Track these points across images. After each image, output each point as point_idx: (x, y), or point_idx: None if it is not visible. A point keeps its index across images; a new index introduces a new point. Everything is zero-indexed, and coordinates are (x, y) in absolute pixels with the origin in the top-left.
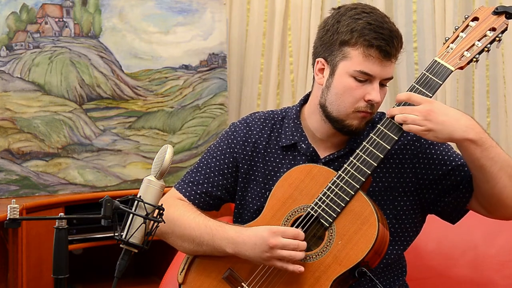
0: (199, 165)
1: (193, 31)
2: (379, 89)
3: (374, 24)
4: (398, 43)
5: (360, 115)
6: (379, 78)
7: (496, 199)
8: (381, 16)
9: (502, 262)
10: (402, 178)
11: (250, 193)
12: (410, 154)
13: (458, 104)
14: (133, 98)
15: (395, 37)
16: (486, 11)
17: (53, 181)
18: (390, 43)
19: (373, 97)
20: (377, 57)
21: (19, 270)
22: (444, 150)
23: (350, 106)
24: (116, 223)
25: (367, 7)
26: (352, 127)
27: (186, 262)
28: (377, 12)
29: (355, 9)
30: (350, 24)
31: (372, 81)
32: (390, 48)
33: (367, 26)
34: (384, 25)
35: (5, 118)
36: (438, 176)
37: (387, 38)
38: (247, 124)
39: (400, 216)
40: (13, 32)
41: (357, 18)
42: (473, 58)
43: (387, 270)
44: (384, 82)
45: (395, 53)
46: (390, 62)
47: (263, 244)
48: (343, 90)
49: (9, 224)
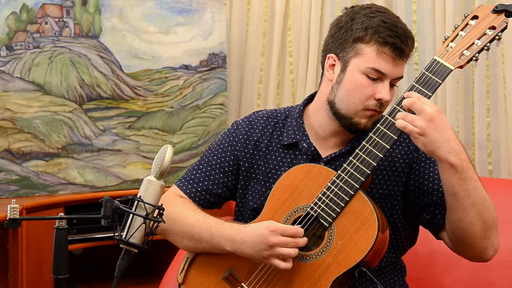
0: (200, 163)
1: (193, 31)
2: (388, 86)
3: (389, 23)
4: (411, 43)
5: (369, 113)
6: (390, 77)
7: (459, 233)
8: (395, 16)
9: (502, 262)
10: (397, 186)
11: (251, 192)
12: (407, 164)
13: (458, 104)
14: (133, 98)
15: (409, 37)
16: (485, 9)
17: (53, 181)
18: (404, 41)
19: (383, 95)
20: (390, 55)
21: (19, 270)
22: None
23: (360, 103)
24: (116, 223)
25: (381, 7)
26: (360, 126)
27: (186, 262)
28: (391, 12)
29: (369, 8)
30: (365, 22)
31: (383, 80)
32: (404, 47)
33: (382, 24)
34: (398, 24)
35: (5, 118)
36: (423, 191)
37: (401, 37)
38: (249, 122)
39: (396, 224)
40: (13, 32)
41: (372, 16)
42: (472, 57)
43: (387, 271)
44: (394, 82)
45: (408, 52)
46: (402, 62)
47: (262, 243)
48: (354, 87)
49: (9, 224)
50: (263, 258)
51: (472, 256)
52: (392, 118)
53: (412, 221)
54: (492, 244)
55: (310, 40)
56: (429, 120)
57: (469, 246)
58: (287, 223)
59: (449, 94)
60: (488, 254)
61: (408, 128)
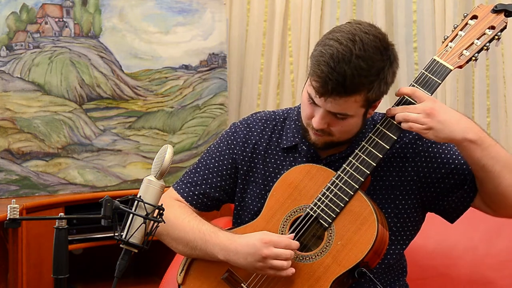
0: (198, 166)
1: (193, 31)
2: (324, 116)
3: (323, 58)
4: (337, 86)
5: (312, 131)
6: (324, 108)
7: (500, 197)
8: (347, 53)
9: (502, 262)
10: (404, 177)
11: (250, 195)
12: (412, 153)
13: (458, 104)
14: (133, 98)
15: (334, 79)
16: (485, 9)
17: (53, 181)
18: (323, 82)
19: (313, 121)
20: (315, 89)
21: (19, 270)
22: (447, 149)
23: (304, 119)
24: (116, 223)
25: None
26: (311, 140)
27: (186, 263)
28: (351, 46)
29: (339, 32)
30: (317, 46)
31: (317, 106)
32: (320, 88)
33: (318, 56)
34: (332, 63)
35: (5, 118)
36: (441, 175)
37: (323, 77)
38: (247, 125)
39: (402, 215)
40: (13, 32)
41: (324, 43)
42: (472, 56)
43: (388, 271)
44: (337, 115)
45: (331, 94)
46: (331, 100)
47: (255, 254)
48: (302, 103)
49: (9, 224)
50: (256, 269)
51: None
52: (390, 118)
53: (425, 210)
54: None
55: (310, 40)
56: (429, 115)
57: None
58: (286, 223)
59: (449, 94)
60: None
61: (414, 128)
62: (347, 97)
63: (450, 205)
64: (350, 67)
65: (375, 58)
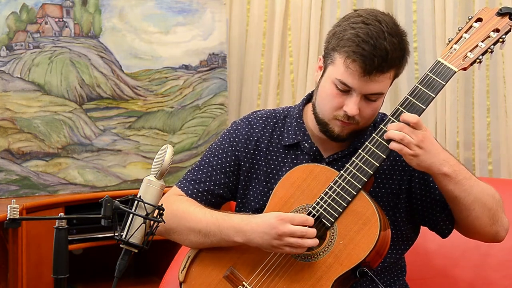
0: (201, 163)
1: (193, 31)
2: (358, 101)
3: (361, 38)
4: (382, 62)
5: (339, 123)
6: (359, 92)
7: (469, 227)
8: (380, 31)
9: (502, 262)
10: (398, 185)
11: (252, 192)
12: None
13: (458, 104)
14: (133, 98)
15: (379, 56)
16: (490, 12)
17: (53, 181)
18: (369, 60)
19: (348, 109)
20: (356, 71)
21: (19, 270)
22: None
23: (329, 112)
24: (116, 223)
25: (372, 18)
26: (334, 133)
27: (187, 260)
28: (379, 25)
29: (358, 17)
30: (343, 32)
31: (351, 93)
32: (366, 66)
33: (353, 37)
34: (371, 40)
35: (5, 118)
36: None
37: (367, 55)
38: (249, 123)
39: (398, 223)
40: (13, 32)
41: (352, 27)
42: (476, 59)
43: (387, 271)
44: (371, 97)
45: (376, 71)
46: (374, 78)
47: (272, 232)
48: (325, 95)
49: (9, 224)
50: (273, 247)
51: (486, 240)
52: (395, 119)
53: (416, 221)
54: (502, 226)
55: (310, 40)
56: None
57: (480, 235)
58: None
59: (449, 94)
60: (501, 236)
61: (404, 151)
62: (386, 73)
63: (439, 222)
64: (388, 42)
65: (400, 34)
